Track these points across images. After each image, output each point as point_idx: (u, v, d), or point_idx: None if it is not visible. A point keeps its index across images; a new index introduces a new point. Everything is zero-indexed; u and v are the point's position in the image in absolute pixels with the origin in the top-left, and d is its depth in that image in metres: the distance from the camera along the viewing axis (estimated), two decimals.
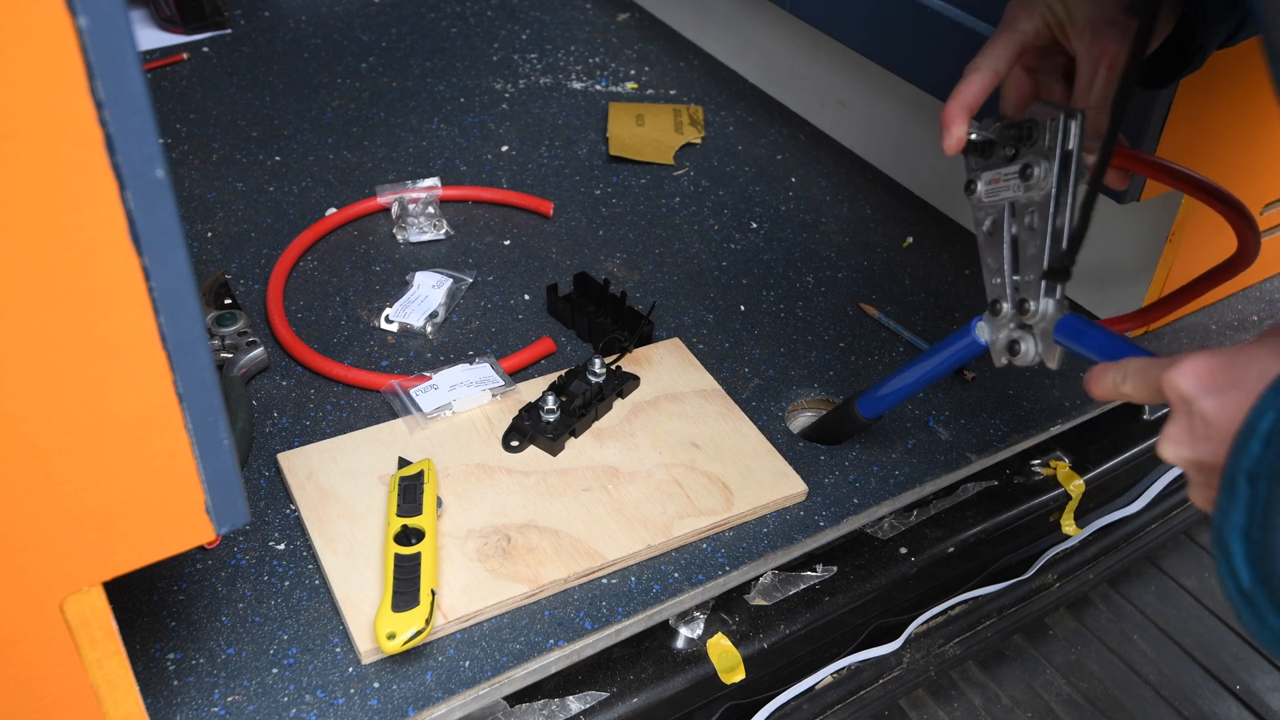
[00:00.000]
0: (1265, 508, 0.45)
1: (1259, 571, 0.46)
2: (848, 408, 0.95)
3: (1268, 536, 0.45)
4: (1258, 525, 0.45)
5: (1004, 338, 0.82)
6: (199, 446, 0.55)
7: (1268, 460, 0.45)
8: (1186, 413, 0.54)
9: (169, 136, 1.34)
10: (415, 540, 0.82)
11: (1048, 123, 0.75)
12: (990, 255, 0.82)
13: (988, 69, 0.79)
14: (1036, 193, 0.76)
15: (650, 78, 1.51)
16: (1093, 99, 0.77)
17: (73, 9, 0.41)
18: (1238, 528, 0.46)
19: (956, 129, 0.79)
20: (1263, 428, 0.46)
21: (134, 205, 0.46)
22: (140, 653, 0.79)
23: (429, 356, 1.06)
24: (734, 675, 0.89)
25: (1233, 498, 0.47)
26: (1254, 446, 0.46)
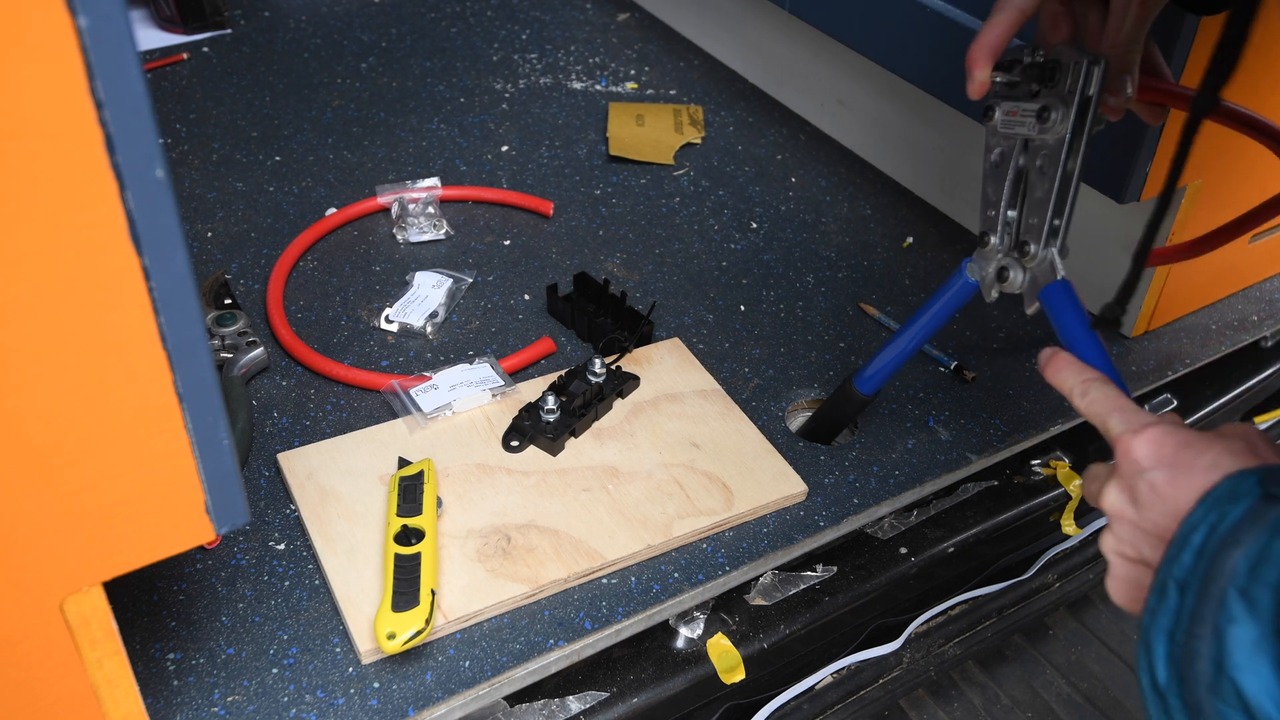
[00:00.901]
0: (1191, 617, 0.48)
1: (1174, 671, 0.49)
2: (845, 386, 0.96)
3: (1190, 643, 0.48)
4: (1181, 630, 0.48)
5: (993, 269, 0.81)
6: (199, 446, 0.55)
7: (1197, 571, 0.49)
8: (1135, 476, 0.57)
9: (169, 136, 1.34)
10: (415, 540, 0.82)
11: (1070, 65, 0.74)
12: (991, 186, 0.81)
13: (1013, 8, 0.77)
14: (1051, 135, 0.76)
15: (650, 78, 1.51)
16: (1123, 36, 0.76)
17: (73, 9, 0.41)
18: (1163, 630, 0.50)
19: (980, 72, 0.77)
20: (1194, 541, 0.50)
21: (134, 205, 0.46)
22: (140, 653, 0.79)
23: (429, 356, 1.06)
24: (734, 675, 0.89)
25: (1162, 601, 0.50)
26: (1185, 558, 0.50)
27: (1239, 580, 0.47)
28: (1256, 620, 0.46)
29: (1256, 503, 0.49)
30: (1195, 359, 1.11)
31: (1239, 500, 0.50)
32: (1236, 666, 0.46)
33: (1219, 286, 1.17)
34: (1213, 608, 0.48)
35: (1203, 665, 0.47)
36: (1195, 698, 0.48)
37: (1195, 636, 0.48)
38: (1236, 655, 0.46)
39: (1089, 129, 0.76)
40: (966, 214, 1.26)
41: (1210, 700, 0.47)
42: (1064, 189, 0.77)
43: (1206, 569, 0.48)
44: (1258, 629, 0.46)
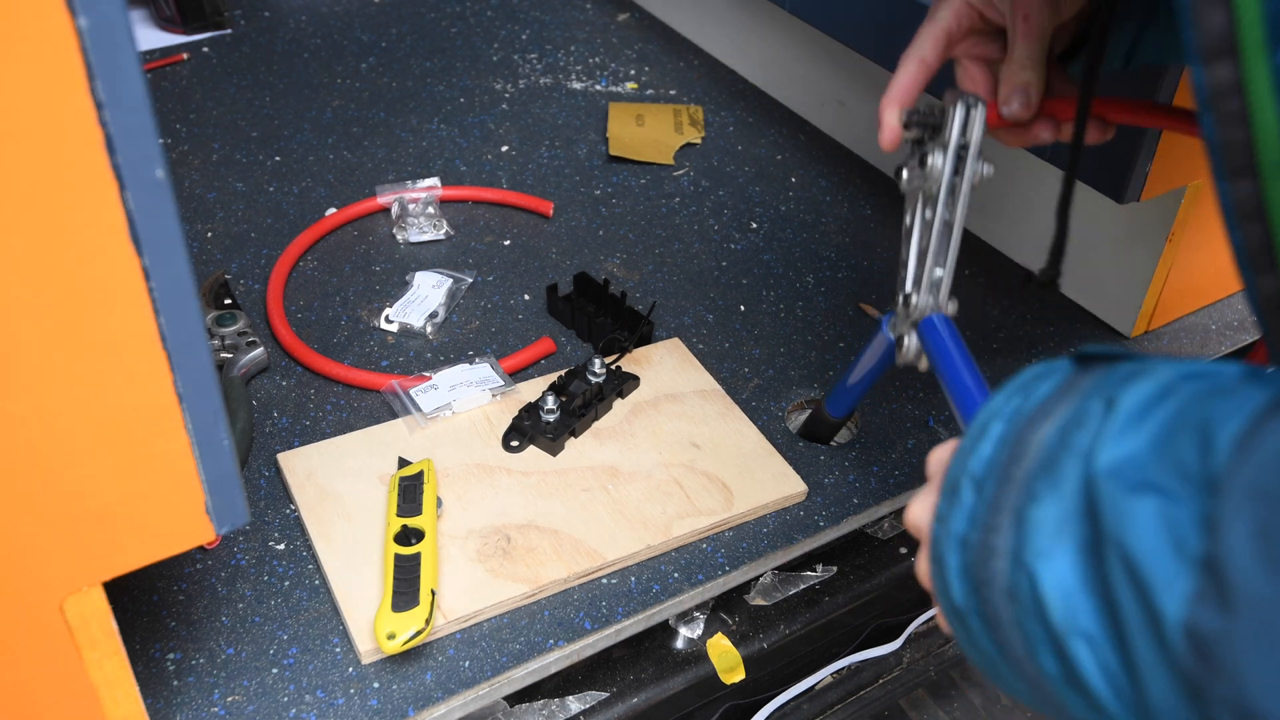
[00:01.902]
0: (989, 509, 0.41)
1: (971, 583, 0.42)
2: (819, 409, 0.95)
3: (986, 538, 0.41)
4: (977, 529, 0.41)
5: (901, 333, 0.77)
6: (199, 446, 0.55)
7: (998, 460, 0.42)
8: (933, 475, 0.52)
9: (169, 136, 1.34)
10: (415, 540, 0.82)
11: (948, 110, 0.73)
12: (903, 246, 0.77)
13: (912, 59, 0.78)
14: (933, 184, 0.73)
15: (650, 78, 1.51)
16: (1014, 57, 0.74)
17: (73, 9, 0.41)
18: (955, 537, 0.43)
19: (886, 121, 0.77)
20: (994, 431, 0.43)
21: (134, 205, 0.46)
22: (140, 653, 0.79)
23: (429, 356, 1.06)
24: (734, 675, 0.89)
25: (954, 504, 0.43)
26: (984, 448, 0.43)
27: (1045, 453, 0.40)
28: (1060, 496, 0.39)
29: (1070, 375, 0.43)
30: (1195, 359, 1.11)
31: (1049, 377, 0.43)
32: (1035, 553, 0.39)
33: (1219, 286, 1.17)
34: (1013, 492, 0.41)
35: (999, 563, 0.40)
36: (993, 607, 0.41)
37: (992, 530, 0.41)
38: (1036, 540, 0.39)
39: (972, 175, 0.72)
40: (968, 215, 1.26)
41: (1007, 606, 0.40)
42: (943, 238, 0.73)
43: (1009, 454, 0.41)
44: (1062, 506, 0.39)
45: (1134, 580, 0.35)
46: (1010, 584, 0.40)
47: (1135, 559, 0.35)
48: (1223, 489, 0.34)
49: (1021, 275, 1.20)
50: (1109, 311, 1.13)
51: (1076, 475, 0.39)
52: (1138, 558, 0.35)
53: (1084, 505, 0.38)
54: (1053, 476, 0.39)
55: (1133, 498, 0.36)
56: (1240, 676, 0.32)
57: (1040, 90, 0.74)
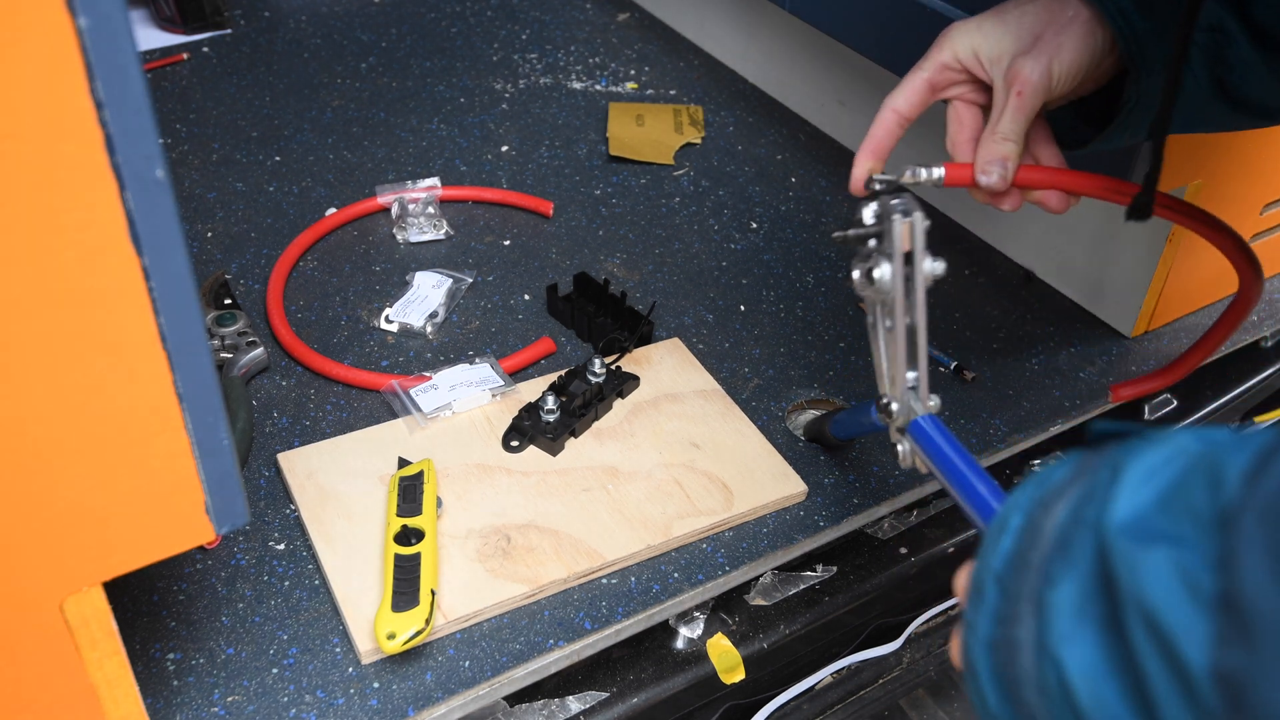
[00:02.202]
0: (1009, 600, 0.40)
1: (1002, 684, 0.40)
2: (821, 427, 0.95)
3: (1009, 632, 0.40)
4: (1002, 625, 0.40)
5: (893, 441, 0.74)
6: (199, 446, 0.55)
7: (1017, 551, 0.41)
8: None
9: (169, 136, 1.34)
10: (415, 540, 0.82)
11: (888, 223, 0.71)
12: (872, 349, 0.75)
13: (888, 109, 0.78)
14: (884, 295, 0.71)
15: (650, 78, 1.51)
16: (999, 128, 0.74)
17: (73, 9, 0.41)
18: (983, 641, 0.41)
19: (855, 174, 0.77)
20: (1013, 524, 0.42)
21: (134, 205, 0.46)
22: (140, 653, 0.79)
23: (429, 356, 1.06)
24: (734, 675, 0.89)
25: (979, 607, 0.41)
26: (1004, 544, 0.42)
27: (1059, 533, 0.39)
28: (1077, 574, 0.38)
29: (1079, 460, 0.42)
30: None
31: (1064, 464, 0.43)
32: (1058, 639, 0.38)
33: (1219, 286, 1.17)
34: (1031, 579, 0.39)
35: (1025, 657, 0.39)
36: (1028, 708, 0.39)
37: (1014, 621, 0.39)
38: (1058, 624, 0.38)
39: (923, 280, 0.70)
40: (967, 214, 1.26)
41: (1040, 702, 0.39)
42: (908, 342, 0.72)
43: (1027, 543, 0.40)
44: (1079, 586, 0.38)
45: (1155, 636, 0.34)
46: (1039, 678, 0.38)
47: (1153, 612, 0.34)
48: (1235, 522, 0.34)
49: (1022, 275, 1.20)
50: (1109, 311, 1.13)
51: (1090, 547, 0.38)
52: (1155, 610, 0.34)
53: (1101, 577, 0.37)
54: (1068, 555, 0.38)
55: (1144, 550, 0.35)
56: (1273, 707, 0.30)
57: (1017, 163, 0.75)
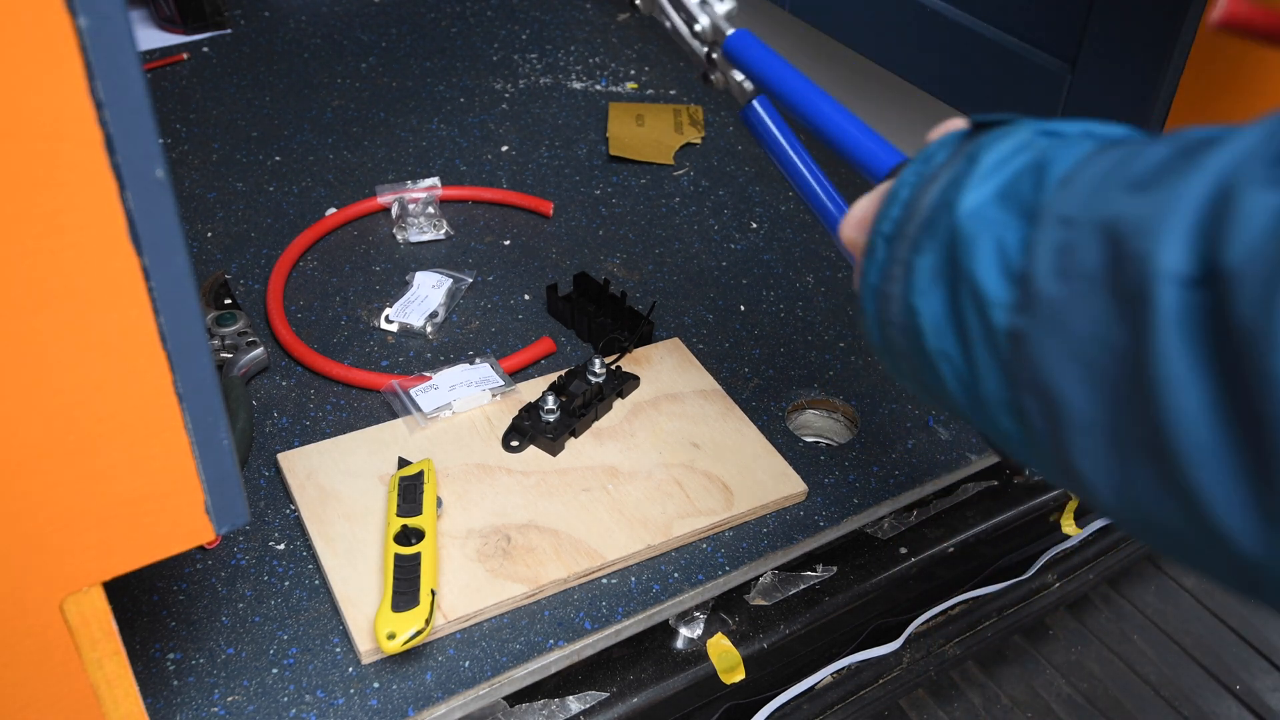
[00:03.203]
0: (889, 260, 0.48)
1: (879, 323, 0.49)
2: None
3: (885, 286, 0.48)
4: (883, 281, 0.49)
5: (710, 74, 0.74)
6: (199, 446, 0.55)
7: (900, 220, 0.48)
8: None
9: (169, 136, 1.34)
10: (415, 540, 0.82)
11: None
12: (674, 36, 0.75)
13: None
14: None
15: (650, 78, 1.51)
16: None
17: (73, 9, 0.41)
18: (871, 289, 0.49)
19: None
20: (901, 195, 0.49)
21: (134, 205, 0.46)
22: (140, 653, 0.79)
23: (429, 356, 1.06)
24: (734, 675, 0.89)
25: (870, 261, 0.49)
26: (892, 211, 0.49)
27: (930, 210, 0.46)
28: (935, 248, 0.45)
29: (956, 142, 0.49)
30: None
31: (947, 145, 0.49)
32: (917, 294, 0.46)
33: None
34: (905, 246, 0.47)
35: (895, 305, 0.48)
36: (894, 342, 0.49)
37: (890, 279, 0.48)
38: (918, 284, 0.46)
39: None
40: None
41: (901, 339, 0.48)
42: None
43: (907, 211, 0.48)
44: (936, 256, 0.45)
45: (976, 303, 0.43)
46: (902, 322, 0.47)
47: (976, 284, 0.43)
48: (1039, 219, 0.41)
49: None
50: None
51: (946, 226, 0.45)
52: (978, 282, 0.43)
53: (951, 250, 0.45)
54: (932, 230, 0.46)
55: (978, 233, 0.43)
56: (1037, 361, 0.40)
57: None
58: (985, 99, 1.11)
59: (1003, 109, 1.08)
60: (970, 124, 0.51)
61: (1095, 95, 0.99)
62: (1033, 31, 1.04)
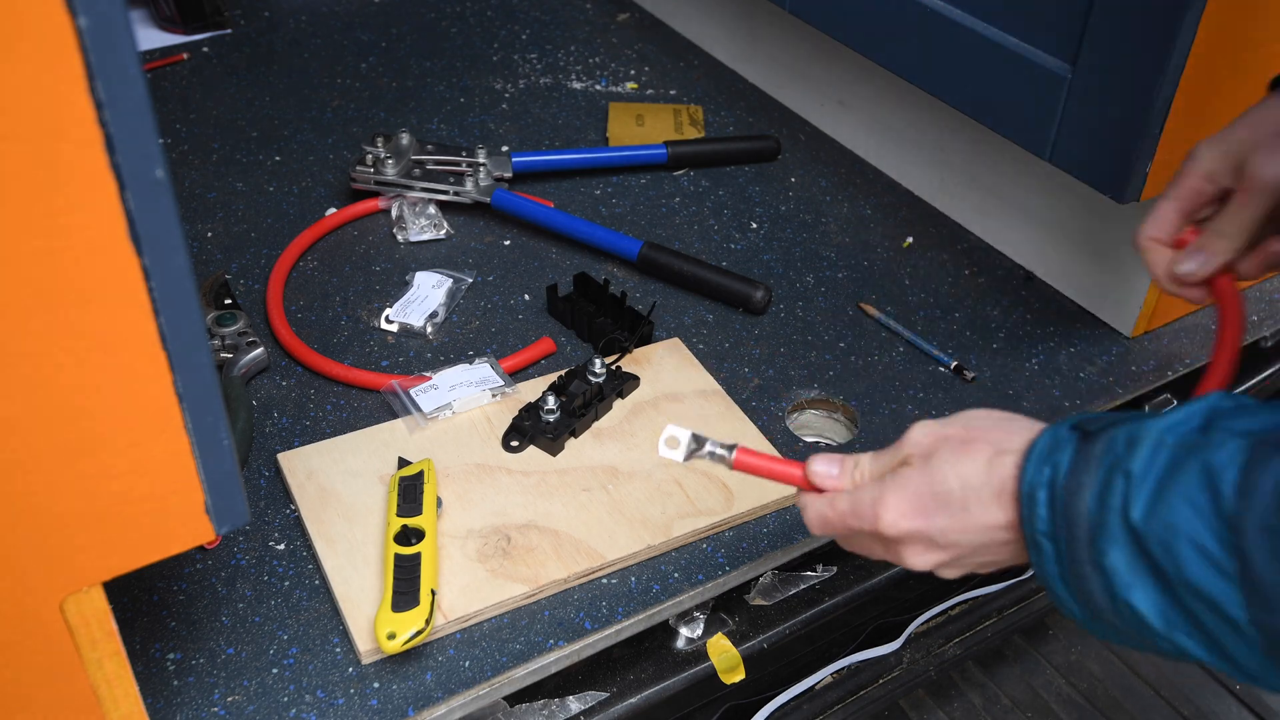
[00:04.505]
0: (1069, 560, 0.54)
1: (1085, 609, 0.55)
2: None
3: (1080, 584, 0.54)
4: (1068, 573, 0.55)
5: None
6: (199, 446, 0.55)
7: (1057, 521, 0.55)
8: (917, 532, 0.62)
9: (169, 136, 1.34)
10: (415, 540, 0.82)
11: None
12: None
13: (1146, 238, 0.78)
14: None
15: (650, 78, 1.51)
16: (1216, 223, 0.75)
17: (73, 9, 0.41)
18: (1056, 577, 0.56)
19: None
20: (1041, 498, 0.55)
21: (134, 205, 0.46)
22: (140, 653, 0.79)
23: (429, 356, 1.06)
24: (734, 675, 0.89)
25: (1041, 556, 0.56)
26: (1041, 513, 0.55)
27: (1093, 518, 0.53)
28: (1120, 548, 0.52)
29: (1079, 444, 0.55)
30: (1195, 359, 1.11)
31: (1063, 449, 0.56)
32: (1124, 588, 0.52)
33: None
34: (1084, 549, 0.53)
35: (1100, 598, 0.54)
36: (1107, 622, 0.55)
37: (1082, 577, 0.54)
38: (1119, 579, 0.52)
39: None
40: (967, 214, 1.26)
41: (1117, 620, 0.54)
42: None
43: (1064, 517, 0.54)
44: (1125, 553, 0.52)
45: (1202, 600, 0.49)
46: (1114, 611, 0.53)
47: (1198, 587, 0.49)
48: (1241, 529, 0.47)
49: (1021, 275, 1.20)
50: (1109, 311, 1.13)
51: (1123, 529, 0.52)
52: (1199, 586, 0.49)
53: (1138, 546, 0.51)
54: (1108, 533, 0.52)
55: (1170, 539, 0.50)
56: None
57: (1221, 261, 0.75)
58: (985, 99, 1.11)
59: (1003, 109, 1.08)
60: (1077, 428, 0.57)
61: (1095, 95, 0.99)
62: (1033, 31, 1.04)
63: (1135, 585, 0.52)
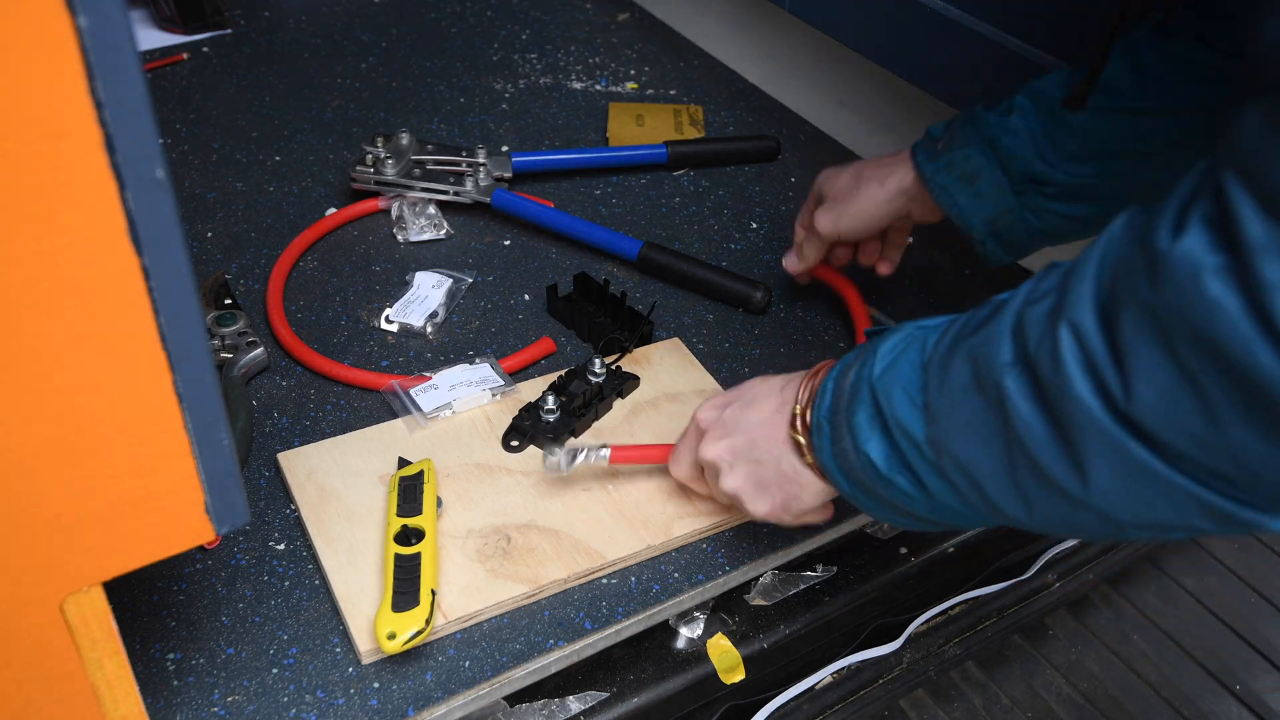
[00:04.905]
0: (834, 428, 0.72)
1: (844, 472, 0.72)
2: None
3: (840, 448, 0.71)
4: (835, 446, 0.72)
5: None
6: (199, 446, 0.55)
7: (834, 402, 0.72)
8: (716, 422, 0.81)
9: (169, 136, 1.34)
10: (415, 540, 0.82)
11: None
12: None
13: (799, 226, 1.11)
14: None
15: (650, 78, 1.51)
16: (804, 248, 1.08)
17: (73, 9, 0.41)
18: (829, 454, 0.72)
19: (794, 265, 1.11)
20: (829, 387, 0.73)
21: (134, 205, 0.46)
22: (140, 653, 0.79)
23: (429, 356, 1.06)
24: (734, 675, 0.89)
25: (821, 439, 0.73)
26: (825, 400, 0.73)
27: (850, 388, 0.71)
28: (863, 408, 0.69)
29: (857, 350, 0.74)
30: None
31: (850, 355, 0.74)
32: (863, 441, 0.69)
33: None
34: (843, 415, 0.71)
35: (851, 456, 0.70)
36: (859, 480, 0.71)
37: (840, 442, 0.71)
38: (860, 434, 0.69)
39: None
40: None
41: (864, 476, 0.70)
42: None
43: (835, 397, 0.72)
44: (866, 411, 0.69)
45: (903, 431, 0.67)
46: (860, 465, 0.70)
47: (899, 419, 0.67)
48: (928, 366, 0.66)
49: (1021, 276, 1.19)
50: None
51: (867, 390, 0.69)
52: (900, 418, 0.67)
53: (874, 405, 0.68)
54: (858, 397, 0.70)
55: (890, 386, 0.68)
56: (951, 449, 0.64)
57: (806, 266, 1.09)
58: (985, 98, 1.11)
59: None
60: (868, 333, 0.77)
61: None
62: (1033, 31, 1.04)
63: (870, 438, 0.68)
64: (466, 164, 1.25)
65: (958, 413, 0.63)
